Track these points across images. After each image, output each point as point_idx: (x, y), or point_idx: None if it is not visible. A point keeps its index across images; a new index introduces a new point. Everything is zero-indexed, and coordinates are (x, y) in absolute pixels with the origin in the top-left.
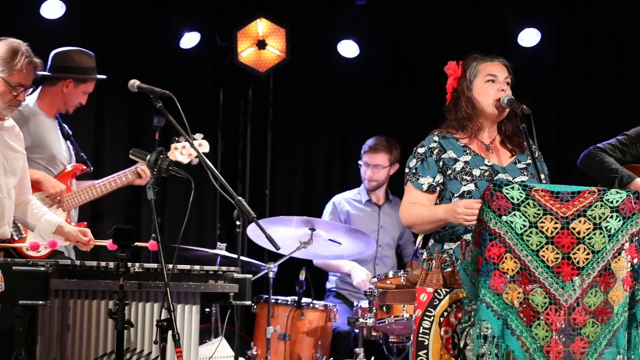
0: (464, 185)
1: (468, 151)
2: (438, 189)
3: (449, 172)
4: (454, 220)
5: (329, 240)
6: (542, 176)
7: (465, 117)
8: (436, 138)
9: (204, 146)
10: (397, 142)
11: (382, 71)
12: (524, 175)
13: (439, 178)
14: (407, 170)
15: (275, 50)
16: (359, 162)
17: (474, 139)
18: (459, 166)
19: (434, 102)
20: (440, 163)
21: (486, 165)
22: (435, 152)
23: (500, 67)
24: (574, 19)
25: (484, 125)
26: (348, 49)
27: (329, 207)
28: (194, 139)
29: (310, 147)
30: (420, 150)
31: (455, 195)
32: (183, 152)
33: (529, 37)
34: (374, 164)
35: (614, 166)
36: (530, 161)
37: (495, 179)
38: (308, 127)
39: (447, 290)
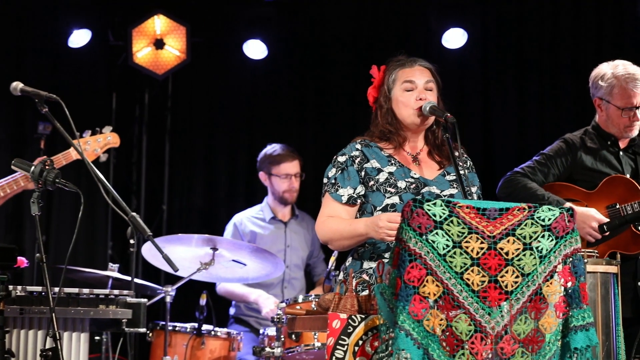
0: (388, 197)
1: (393, 161)
2: (359, 201)
3: (372, 183)
4: (375, 236)
5: (233, 261)
6: (474, 189)
7: (387, 130)
8: (359, 146)
9: (114, 139)
10: (309, 152)
11: (293, 74)
12: (454, 188)
13: (360, 189)
14: (325, 180)
15: (175, 50)
16: (268, 173)
17: (400, 149)
18: (382, 177)
19: (349, 108)
20: (362, 173)
21: (412, 177)
22: (357, 161)
23: (420, 72)
24: (503, 18)
25: (409, 136)
26: (255, 49)
27: (229, 229)
28: (102, 133)
29: (213, 158)
30: (341, 158)
31: (378, 208)
32: (87, 147)
33: (454, 38)
34: (294, 173)
35: (539, 192)
36: (462, 172)
37: (422, 191)
38: (210, 136)
39: (363, 316)
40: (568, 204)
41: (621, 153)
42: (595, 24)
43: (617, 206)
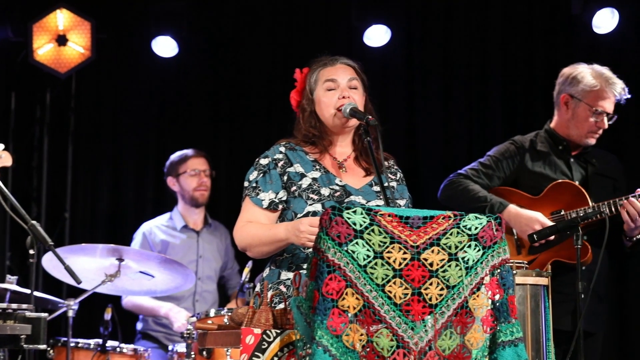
0: (310, 205)
1: (318, 167)
2: (280, 206)
3: (294, 188)
4: (296, 241)
5: (140, 272)
6: (402, 202)
7: (312, 134)
8: (282, 149)
9: (6, 159)
10: (222, 157)
11: (205, 73)
12: (380, 199)
13: (282, 194)
14: (246, 183)
15: (78, 47)
16: (176, 175)
17: (326, 154)
18: (305, 183)
19: (265, 110)
20: (285, 177)
21: (337, 184)
22: (280, 165)
23: (342, 70)
24: (428, 14)
25: (335, 140)
26: (165, 46)
27: (138, 238)
28: None
29: (119, 162)
30: (263, 161)
31: (299, 215)
32: None
33: (376, 35)
34: (203, 169)
35: (481, 194)
36: (393, 184)
37: (346, 201)
38: (116, 138)
39: (278, 331)
40: (512, 206)
41: (572, 160)
42: (526, 21)
43: (562, 213)
